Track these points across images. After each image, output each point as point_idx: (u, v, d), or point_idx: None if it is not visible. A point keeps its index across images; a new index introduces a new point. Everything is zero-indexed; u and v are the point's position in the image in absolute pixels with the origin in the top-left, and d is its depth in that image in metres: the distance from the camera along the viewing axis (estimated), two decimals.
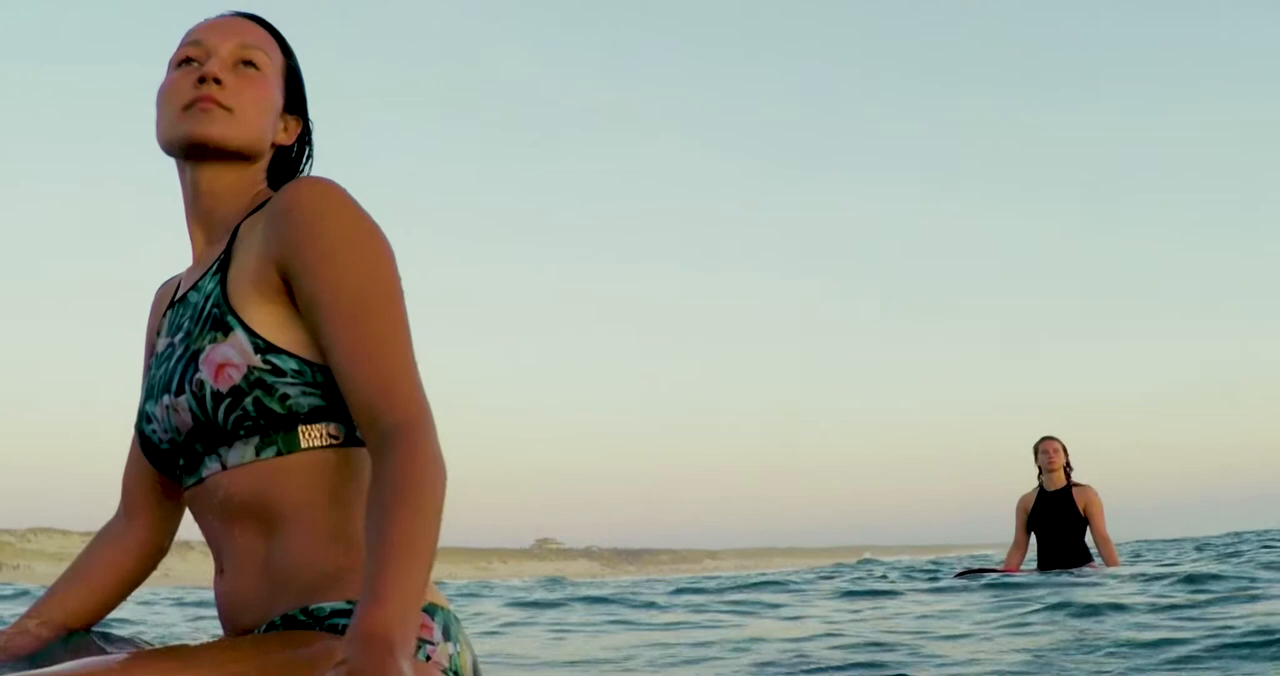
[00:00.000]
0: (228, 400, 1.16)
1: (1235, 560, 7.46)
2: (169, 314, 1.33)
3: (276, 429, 1.18)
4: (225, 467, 1.20)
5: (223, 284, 1.23)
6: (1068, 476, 6.85)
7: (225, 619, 1.27)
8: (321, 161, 1.43)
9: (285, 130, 1.38)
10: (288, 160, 1.41)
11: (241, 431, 1.18)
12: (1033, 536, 6.89)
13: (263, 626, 1.19)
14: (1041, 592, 4.06)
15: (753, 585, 6.45)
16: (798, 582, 6.51)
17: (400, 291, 1.20)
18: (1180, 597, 4.21)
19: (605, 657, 3.07)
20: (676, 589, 5.87)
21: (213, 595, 1.28)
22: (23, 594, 5.78)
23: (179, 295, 1.33)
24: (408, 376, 1.15)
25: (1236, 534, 15.80)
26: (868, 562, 14.60)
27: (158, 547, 1.43)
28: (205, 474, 1.22)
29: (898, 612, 3.69)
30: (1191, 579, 5.05)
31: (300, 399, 1.17)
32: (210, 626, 3.80)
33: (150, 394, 1.27)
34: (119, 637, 1.38)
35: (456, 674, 1.19)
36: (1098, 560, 6.80)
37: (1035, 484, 6.94)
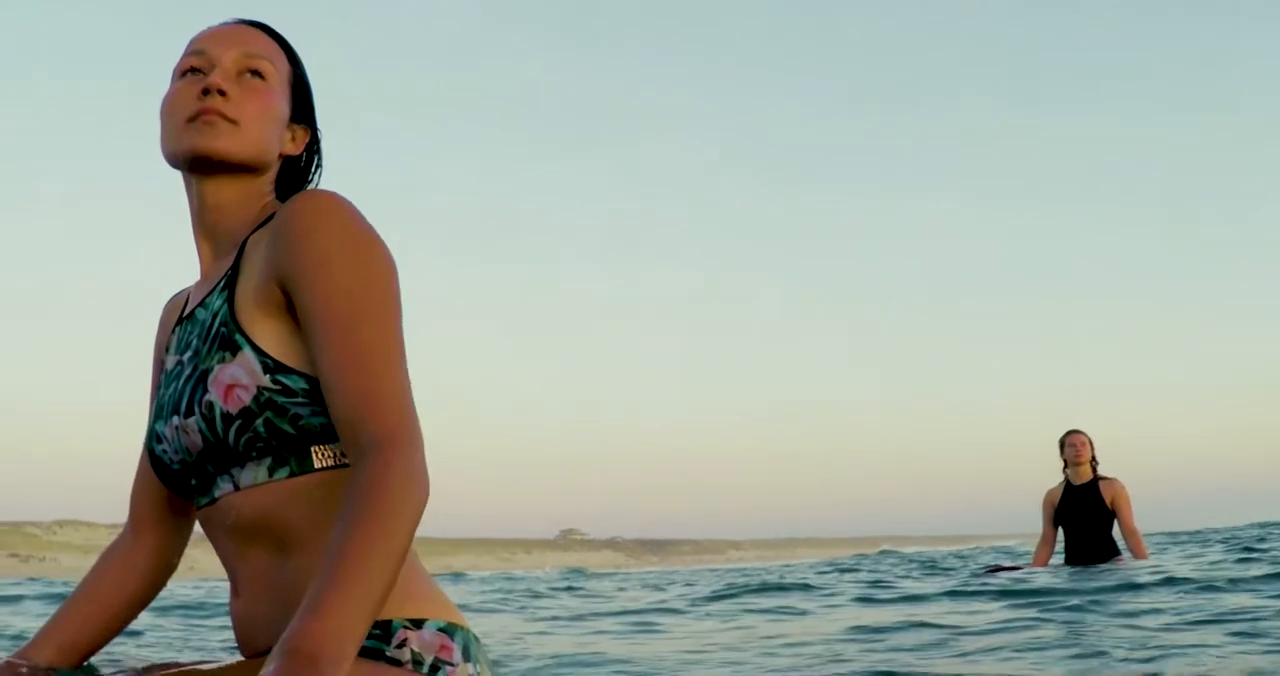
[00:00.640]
0: (238, 422, 1.14)
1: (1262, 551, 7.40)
2: (177, 330, 1.30)
3: (289, 449, 1.15)
4: (238, 488, 1.18)
5: (230, 301, 1.20)
6: (1094, 469, 6.77)
7: (241, 640, 1.25)
8: (330, 168, 1.40)
9: (293, 140, 1.35)
10: (296, 170, 1.38)
11: (254, 453, 1.15)
12: (1060, 530, 6.83)
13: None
14: (1074, 601, 4.02)
15: (776, 587, 6.40)
16: (817, 585, 6.46)
17: (395, 303, 1.15)
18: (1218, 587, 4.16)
19: (629, 657, 3.05)
20: (698, 597, 5.83)
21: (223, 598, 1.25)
22: (43, 596, 5.78)
23: (187, 311, 1.30)
24: (395, 388, 1.10)
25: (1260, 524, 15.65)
26: (886, 554, 14.72)
27: (166, 564, 1.41)
28: (218, 494, 1.20)
29: (926, 622, 3.65)
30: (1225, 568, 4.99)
31: (311, 418, 1.14)
32: (213, 638, 3.80)
33: (159, 414, 1.25)
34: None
35: None
36: (1125, 554, 6.74)
37: (1060, 478, 6.87)
